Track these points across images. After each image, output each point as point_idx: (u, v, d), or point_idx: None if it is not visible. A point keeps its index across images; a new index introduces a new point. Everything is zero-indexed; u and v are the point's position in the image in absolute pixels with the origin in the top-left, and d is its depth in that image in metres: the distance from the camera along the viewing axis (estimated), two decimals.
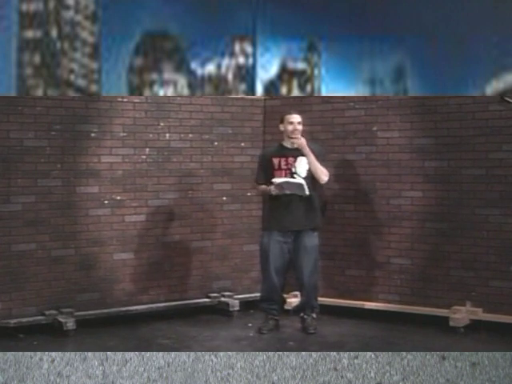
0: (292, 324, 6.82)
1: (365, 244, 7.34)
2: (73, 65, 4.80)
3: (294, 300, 7.42)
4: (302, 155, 6.54)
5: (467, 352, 4.11)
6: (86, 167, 6.88)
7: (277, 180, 6.47)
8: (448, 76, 4.91)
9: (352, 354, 4.17)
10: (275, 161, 6.63)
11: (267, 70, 4.91)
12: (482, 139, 6.71)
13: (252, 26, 4.86)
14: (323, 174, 6.56)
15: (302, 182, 6.45)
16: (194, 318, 7.21)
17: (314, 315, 6.70)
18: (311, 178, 6.54)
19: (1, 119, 6.46)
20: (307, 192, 6.44)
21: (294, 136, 6.56)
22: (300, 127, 6.60)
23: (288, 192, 6.45)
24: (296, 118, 6.60)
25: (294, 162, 6.57)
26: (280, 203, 6.55)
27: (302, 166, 6.54)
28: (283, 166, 6.59)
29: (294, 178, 6.53)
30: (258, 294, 7.24)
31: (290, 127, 6.58)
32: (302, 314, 6.70)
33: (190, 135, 7.45)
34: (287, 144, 6.65)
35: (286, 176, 6.54)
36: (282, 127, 6.67)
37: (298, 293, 7.57)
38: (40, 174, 6.65)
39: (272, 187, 6.50)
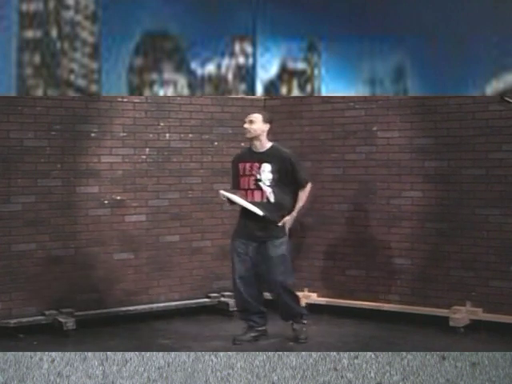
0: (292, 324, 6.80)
1: (365, 244, 7.34)
2: (73, 65, 4.80)
3: None
4: (267, 162, 6.12)
5: (467, 352, 4.10)
6: (86, 167, 6.88)
7: (224, 193, 6.16)
8: (448, 76, 4.91)
9: (352, 354, 4.16)
10: (241, 166, 6.24)
11: (267, 70, 4.91)
12: (482, 139, 6.71)
13: (252, 26, 4.86)
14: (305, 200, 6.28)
15: (246, 204, 6.04)
16: (193, 317, 7.21)
17: (304, 321, 6.41)
18: (277, 185, 6.13)
19: (1, 119, 6.47)
20: (260, 212, 6.03)
21: (246, 136, 6.24)
22: (250, 126, 6.19)
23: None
24: (249, 116, 6.23)
25: (259, 168, 6.13)
26: (242, 212, 6.24)
27: (265, 174, 6.11)
28: (247, 172, 6.18)
29: (257, 185, 6.12)
30: None
31: (244, 126, 6.26)
32: (291, 322, 6.41)
33: (190, 135, 7.45)
34: (254, 147, 6.26)
35: (249, 183, 6.15)
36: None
37: (298, 293, 7.56)
38: (40, 174, 6.65)
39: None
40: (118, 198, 7.06)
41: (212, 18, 4.84)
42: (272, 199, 6.13)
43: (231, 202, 6.25)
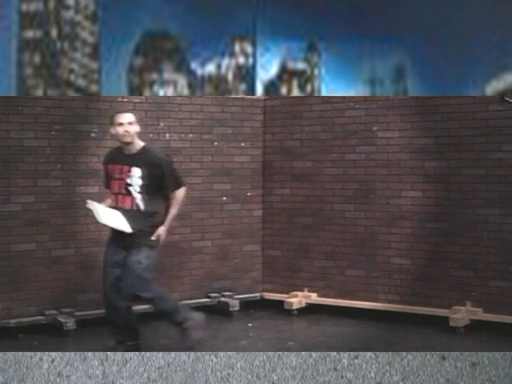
0: (292, 324, 6.80)
1: (365, 244, 7.34)
2: (73, 65, 4.80)
3: (294, 300, 7.42)
4: (137, 166, 5.67)
5: (467, 352, 4.10)
6: (85, 167, 6.88)
7: (89, 205, 5.81)
8: (448, 76, 4.91)
9: (352, 354, 4.16)
10: (111, 168, 5.83)
11: (267, 70, 4.91)
12: (482, 139, 6.71)
13: (252, 26, 4.86)
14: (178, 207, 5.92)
15: (111, 224, 5.71)
16: None
17: (184, 325, 5.91)
18: (148, 192, 5.69)
19: (1, 119, 6.46)
20: (128, 229, 5.66)
21: (125, 140, 5.69)
22: (132, 128, 5.70)
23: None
24: (126, 117, 5.71)
25: (129, 172, 5.69)
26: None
27: (135, 179, 5.67)
28: (117, 176, 5.75)
29: (128, 190, 5.70)
30: (258, 294, 7.25)
31: (120, 129, 5.67)
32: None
33: (190, 135, 7.45)
34: (124, 149, 5.77)
35: (119, 188, 5.75)
36: (112, 130, 5.79)
37: (298, 293, 7.58)
38: (40, 173, 6.65)
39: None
40: None
41: (212, 18, 4.84)
42: (142, 207, 5.70)
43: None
